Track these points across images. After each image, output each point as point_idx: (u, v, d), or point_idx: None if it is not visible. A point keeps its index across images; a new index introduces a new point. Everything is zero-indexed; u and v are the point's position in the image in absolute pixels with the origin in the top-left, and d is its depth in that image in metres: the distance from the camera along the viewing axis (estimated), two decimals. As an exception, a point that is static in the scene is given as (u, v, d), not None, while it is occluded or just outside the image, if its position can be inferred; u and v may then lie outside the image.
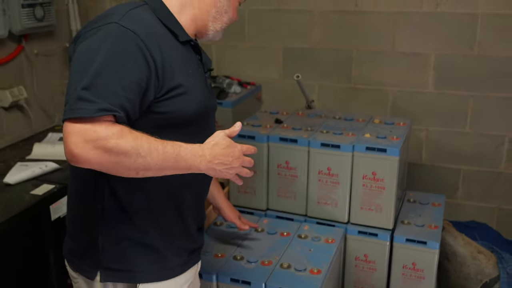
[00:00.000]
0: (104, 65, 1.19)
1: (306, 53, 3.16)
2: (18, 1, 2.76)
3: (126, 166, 1.19)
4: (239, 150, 1.36)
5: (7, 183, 2.27)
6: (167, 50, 1.31)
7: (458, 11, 2.84)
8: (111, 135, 1.16)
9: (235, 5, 1.52)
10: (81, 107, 1.15)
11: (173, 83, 1.30)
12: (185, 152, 1.26)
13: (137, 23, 1.28)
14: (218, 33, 1.51)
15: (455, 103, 2.97)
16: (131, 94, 1.21)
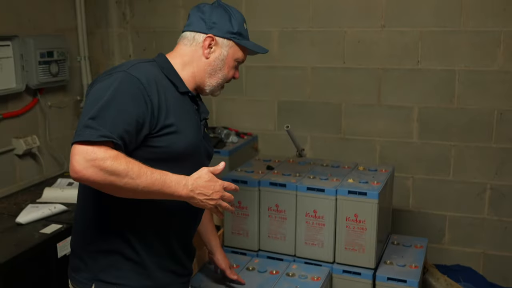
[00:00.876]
0: (109, 102, 1.45)
1: (298, 106, 3.40)
2: (36, 58, 3.04)
3: (118, 185, 1.40)
4: (220, 185, 1.53)
5: (19, 223, 2.47)
6: (165, 95, 1.56)
7: (437, 67, 3.08)
8: (108, 157, 1.38)
9: (230, 64, 1.72)
10: (86, 132, 1.40)
11: (167, 122, 1.54)
12: (170, 179, 1.46)
13: (142, 72, 1.55)
14: (215, 88, 1.74)
15: (438, 152, 3.17)
16: (129, 127, 1.46)
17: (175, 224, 1.68)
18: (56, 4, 3.36)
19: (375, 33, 3.16)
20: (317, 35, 3.28)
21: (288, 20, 3.33)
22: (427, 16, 3.05)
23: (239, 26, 1.71)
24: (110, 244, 1.61)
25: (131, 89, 1.49)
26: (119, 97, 1.47)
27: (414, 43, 3.10)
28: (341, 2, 3.19)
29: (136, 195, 1.46)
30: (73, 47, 3.51)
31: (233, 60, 1.72)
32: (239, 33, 1.70)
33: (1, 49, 2.89)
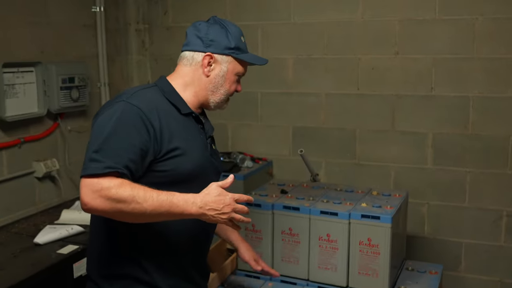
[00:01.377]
0: (112, 133, 1.50)
1: (313, 131, 3.44)
2: (57, 84, 3.14)
3: (126, 212, 1.44)
4: (230, 198, 1.53)
5: (37, 243, 2.53)
6: (167, 120, 1.60)
7: (451, 94, 3.11)
8: (112, 186, 1.42)
9: (231, 79, 1.76)
10: (91, 166, 1.45)
11: (171, 146, 1.58)
12: (178, 199, 1.48)
13: (142, 100, 1.59)
14: (220, 104, 1.78)
15: (453, 179, 3.17)
16: (133, 156, 1.50)
17: (187, 243, 1.70)
18: (79, 32, 3.48)
19: (389, 60, 3.21)
20: (331, 62, 3.34)
21: (303, 48, 3.40)
22: (440, 43, 3.09)
23: (237, 40, 1.74)
24: (123, 268, 1.64)
25: (132, 118, 1.53)
26: (121, 127, 1.51)
27: (428, 70, 3.13)
28: (355, 30, 3.25)
29: (146, 219, 1.49)
30: (94, 73, 3.61)
31: (234, 74, 1.76)
32: (237, 47, 1.73)
33: (25, 74, 3.00)
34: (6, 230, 2.77)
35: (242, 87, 1.83)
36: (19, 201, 3.05)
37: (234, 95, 1.83)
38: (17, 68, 2.93)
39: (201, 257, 1.80)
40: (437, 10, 3.07)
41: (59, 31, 3.30)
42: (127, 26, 3.78)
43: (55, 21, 3.26)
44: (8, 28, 2.92)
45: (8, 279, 2.16)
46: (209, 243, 1.85)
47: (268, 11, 3.44)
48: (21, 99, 2.97)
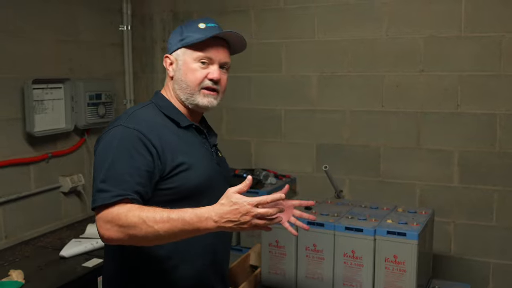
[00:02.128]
0: (115, 161, 1.49)
1: (337, 149, 3.42)
2: (85, 100, 3.20)
3: (140, 236, 1.42)
4: (248, 205, 1.39)
5: (62, 256, 2.55)
6: (167, 137, 1.59)
7: (477, 111, 3.07)
8: (121, 213, 1.42)
9: (191, 68, 1.66)
10: (100, 197, 1.46)
11: (175, 162, 1.57)
12: (190, 216, 1.40)
13: (139, 121, 1.58)
14: (194, 98, 1.67)
15: (481, 197, 3.11)
16: (140, 179, 1.49)
17: (202, 255, 1.68)
18: (106, 50, 3.55)
19: (414, 77, 3.19)
20: (355, 79, 3.34)
21: (327, 65, 3.40)
22: (466, 60, 3.07)
23: (189, 30, 1.69)
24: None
25: (132, 142, 1.52)
26: (122, 153, 1.51)
27: (454, 87, 3.11)
28: (379, 47, 3.25)
29: (163, 240, 1.45)
30: (120, 90, 3.68)
31: (193, 62, 1.67)
32: (186, 36, 1.68)
33: (54, 91, 3.06)
34: (32, 244, 2.80)
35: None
36: (45, 215, 3.09)
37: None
38: (46, 84, 3.00)
39: (220, 268, 1.77)
40: (462, 27, 3.05)
41: (87, 49, 3.38)
42: (153, 44, 3.85)
43: (84, 39, 3.34)
44: (39, 45, 3.01)
45: (35, 290, 2.18)
46: (227, 252, 1.82)
47: (292, 29, 3.47)
48: (49, 114, 3.03)
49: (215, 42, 1.68)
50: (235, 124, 3.64)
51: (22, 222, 2.93)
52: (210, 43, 1.67)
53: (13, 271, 2.31)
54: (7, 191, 2.83)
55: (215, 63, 1.68)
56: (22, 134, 2.91)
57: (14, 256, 2.60)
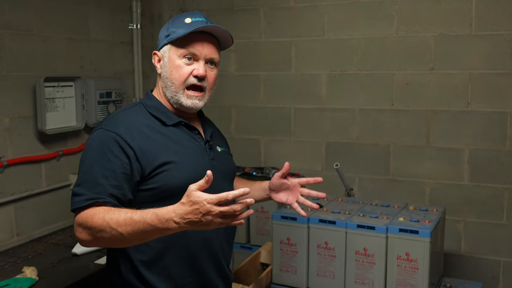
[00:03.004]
0: (90, 164, 1.51)
1: (346, 147, 3.42)
2: (95, 99, 3.21)
3: (107, 238, 1.40)
4: (207, 204, 1.30)
5: (75, 253, 2.56)
6: (150, 137, 1.58)
7: (488, 109, 3.07)
8: (88, 217, 1.42)
9: (175, 64, 1.63)
10: (75, 200, 1.48)
11: (156, 163, 1.55)
12: (151, 218, 1.35)
13: (118, 123, 1.57)
14: (178, 98, 1.63)
15: (491, 195, 3.11)
16: (115, 182, 1.48)
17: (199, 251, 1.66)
18: (116, 49, 3.56)
19: (424, 76, 3.19)
20: (365, 77, 3.34)
21: (337, 64, 3.41)
22: (476, 59, 3.07)
23: (175, 24, 1.64)
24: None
25: (109, 145, 1.52)
26: (98, 156, 1.51)
27: (464, 86, 3.11)
28: (389, 45, 3.26)
29: (131, 242, 1.44)
30: (129, 89, 3.68)
31: (178, 58, 1.63)
32: (171, 31, 1.64)
33: (65, 89, 3.07)
34: (44, 241, 2.81)
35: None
36: (56, 213, 3.10)
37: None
38: (57, 83, 3.01)
39: (219, 261, 1.73)
40: (473, 25, 3.05)
41: (98, 47, 3.39)
42: (162, 43, 3.85)
43: (94, 38, 3.35)
44: (50, 44, 3.01)
45: (49, 286, 2.19)
46: (226, 245, 1.77)
47: (302, 27, 3.47)
48: (60, 112, 3.04)
49: (201, 37, 1.64)
50: (245, 122, 3.65)
51: (33, 220, 2.94)
52: (195, 38, 1.62)
53: (26, 267, 2.32)
54: (18, 188, 2.85)
55: (200, 59, 1.64)
56: (33, 132, 2.92)
57: (27, 253, 2.61)
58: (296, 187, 1.83)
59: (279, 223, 2.61)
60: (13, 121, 2.81)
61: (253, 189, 1.88)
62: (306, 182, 1.82)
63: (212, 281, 1.71)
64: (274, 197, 1.86)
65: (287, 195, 1.84)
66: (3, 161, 2.73)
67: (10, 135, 2.79)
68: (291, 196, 1.83)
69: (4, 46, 2.75)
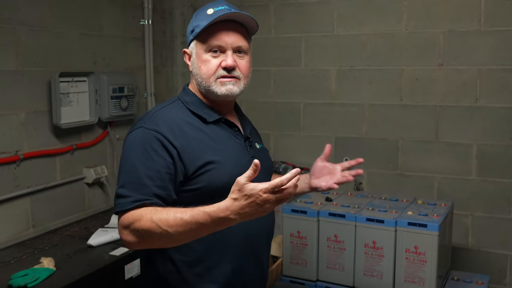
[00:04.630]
0: (133, 165, 1.48)
1: (355, 142, 3.46)
2: (108, 94, 3.26)
3: (156, 240, 1.40)
4: (263, 195, 1.29)
5: (90, 245, 2.62)
6: (192, 135, 1.54)
7: (496, 105, 3.09)
8: (135, 220, 1.41)
9: (203, 58, 1.61)
10: (120, 202, 1.46)
11: (200, 162, 1.51)
12: (204, 217, 1.33)
13: (160, 122, 1.53)
14: (212, 89, 1.60)
15: (499, 190, 3.13)
16: (160, 182, 1.46)
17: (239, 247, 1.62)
18: (128, 44, 3.61)
19: (433, 71, 3.22)
20: (374, 73, 3.37)
21: (346, 59, 3.44)
22: (485, 54, 3.09)
23: (198, 19, 1.62)
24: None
25: (152, 144, 1.49)
26: (142, 156, 1.48)
27: (473, 81, 3.13)
28: (398, 41, 3.28)
29: (181, 241, 1.43)
30: (141, 84, 3.73)
31: (205, 53, 1.61)
32: (196, 26, 1.62)
33: (79, 84, 3.13)
34: (60, 233, 2.87)
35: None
36: (70, 205, 3.16)
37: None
38: (71, 78, 3.06)
39: (260, 262, 1.70)
40: (482, 21, 3.07)
41: (110, 43, 3.44)
42: (173, 38, 3.90)
43: (107, 34, 3.40)
44: (64, 39, 3.07)
45: (66, 277, 2.25)
46: (267, 246, 1.75)
47: (312, 23, 3.50)
48: (74, 107, 3.10)
49: (225, 27, 1.59)
50: (254, 117, 3.60)
51: (48, 212, 3.00)
52: (218, 29, 1.59)
53: (44, 258, 2.38)
54: (34, 181, 2.91)
55: (227, 49, 1.60)
56: (48, 126, 2.98)
57: (43, 244, 2.68)
58: (336, 171, 1.84)
59: (289, 216, 2.66)
60: (29, 116, 2.87)
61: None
62: (347, 165, 1.85)
63: (254, 281, 1.69)
64: (315, 184, 1.84)
65: (327, 180, 1.83)
66: (20, 154, 2.79)
67: (26, 129, 2.85)
68: (331, 180, 1.83)
69: (20, 41, 2.80)
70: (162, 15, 3.88)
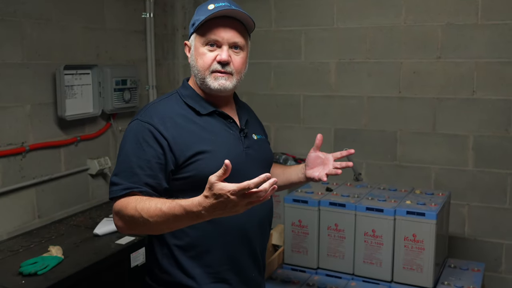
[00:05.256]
0: (127, 155, 1.59)
1: (354, 133, 3.53)
2: (111, 86, 3.30)
3: (140, 227, 1.49)
4: (231, 197, 1.31)
5: (96, 234, 2.68)
6: (184, 127, 1.62)
7: (493, 97, 3.16)
8: (121, 206, 1.51)
9: (200, 51, 1.67)
10: (112, 189, 1.57)
11: (190, 152, 1.59)
12: (180, 211, 1.39)
13: (153, 114, 1.63)
14: (207, 83, 1.66)
15: (494, 181, 3.21)
16: (150, 171, 1.56)
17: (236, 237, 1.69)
18: (130, 37, 3.65)
19: (431, 64, 3.28)
20: (373, 66, 3.43)
21: (346, 52, 3.50)
22: (482, 47, 3.15)
23: (199, 13, 1.68)
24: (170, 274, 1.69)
25: (143, 135, 1.58)
26: (134, 147, 1.58)
27: (470, 74, 3.20)
28: (397, 34, 3.34)
29: (163, 231, 1.54)
30: (143, 76, 3.78)
31: (202, 46, 1.68)
32: (196, 20, 1.68)
33: (82, 76, 3.17)
34: (65, 223, 2.93)
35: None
36: (74, 196, 3.22)
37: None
38: (75, 70, 3.11)
39: (254, 249, 1.77)
40: (479, 15, 3.13)
41: (113, 36, 3.48)
42: (174, 31, 3.94)
43: (110, 27, 3.45)
44: (68, 32, 3.11)
45: (74, 265, 2.30)
46: (262, 234, 1.80)
47: (312, 16, 3.56)
48: (78, 99, 3.15)
49: (223, 23, 1.66)
50: (255, 109, 3.61)
51: (53, 203, 3.05)
52: (216, 24, 1.65)
53: (52, 247, 2.44)
54: (39, 172, 2.96)
55: (223, 44, 1.66)
56: (53, 118, 3.03)
57: (50, 234, 2.73)
58: (329, 161, 1.90)
59: (290, 205, 2.72)
60: (34, 108, 2.92)
61: (289, 172, 2.00)
62: (339, 155, 1.91)
63: (247, 268, 1.75)
64: (309, 174, 1.90)
65: (320, 170, 1.89)
66: (25, 146, 2.84)
67: (31, 121, 2.90)
68: (323, 170, 1.89)
69: (25, 35, 2.84)
70: (164, 8, 3.92)
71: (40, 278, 2.17)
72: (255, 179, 1.31)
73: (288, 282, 2.58)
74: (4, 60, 2.73)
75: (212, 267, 1.67)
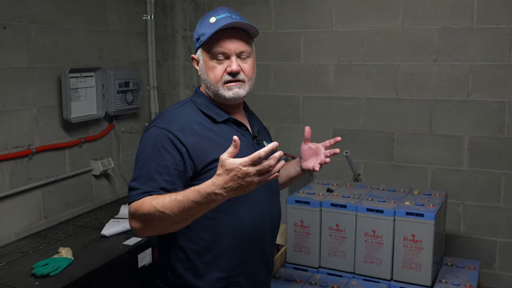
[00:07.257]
0: (145, 160, 1.63)
1: (352, 134, 3.61)
2: (115, 88, 3.35)
3: (158, 224, 1.53)
4: (243, 168, 1.38)
5: (104, 235, 2.74)
6: (202, 134, 1.68)
7: (487, 99, 3.25)
8: (138, 206, 1.56)
9: (210, 65, 1.74)
10: (131, 194, 1.61)
11: (208, 159, 1.65)
12: (194, 195, 1.44)
13: (171, 121, 1.68)
14: (220, 93, 1.73)
15: (489, 180, 3.31)
16: (168, 177, 1.60)
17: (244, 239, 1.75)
18: (131, 39, 3.70)
19: (427, 67, 3.36)
20: (371, 68, 3.51)
21: (344, 54, 3.57)
22: (478, 51, 3.24)
23: (202, 27, 1.74)
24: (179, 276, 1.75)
25: (162, 142, 1.63)
26: (153, 153, 1.62)
27: (465, 76, 3.28)
28: (394, 38, 3.42)
29: (180, 222, 1.54)
30: (144, 78, 3.83)
31: (210, 60, 1.73)
32: (201, 34, 1.73)
33: (86, 79, 3.22)
34: (72, 224, 2.99)
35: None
36: (79, 197, 3.27)
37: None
38: (80, 73, 3.15)
39: (265, 253, 1.83)
40: (474, 19, 3.21)
41: (115, 38, 3.53)
42: (174, 33, 3.99)
43: (112, 30, 3.49)
44: (72, 36, 3.16)
45: (85, 266, 2.37)
46: (272, 238, 1.88)
47: (311, 19, 3.62)
48: (83, 102, 3.20)
49: (227, 34, 1.71)
50: (255, 110, 3.70)
51: (58, 204, 3.11)
52: (221, 36, 1.70)
53: (62, 248, 2.49)
54: (45, 174, 3.01)
55: (231, 55, 1.72)
56: (58, 121, 3.08)
57: (58, 235, 2.79)
58: (320, 151, 2.01)
59: (293, 206, 2.80)
60: (40, 111, 2.96)
61: (288, 169, 2.10)
62: (328, 144, 2.02)
63: (258, 271, 1.82)
64: (305, 166, 2.01)
65: (314, 161, 2.00)
66: (32, 148, 2.89)
67: (37, 124, 2.95)
68: (316, 160, 1.99)
69: (31, 38, 2.89)
70: (164, 10, 3.97)
71: (53, 279, 2.24)
72: (265, 147, 1.40)
73: (291, 280, 2.65)
74: (10, 65, 2.78)
75: (225, 271, 1.74)
